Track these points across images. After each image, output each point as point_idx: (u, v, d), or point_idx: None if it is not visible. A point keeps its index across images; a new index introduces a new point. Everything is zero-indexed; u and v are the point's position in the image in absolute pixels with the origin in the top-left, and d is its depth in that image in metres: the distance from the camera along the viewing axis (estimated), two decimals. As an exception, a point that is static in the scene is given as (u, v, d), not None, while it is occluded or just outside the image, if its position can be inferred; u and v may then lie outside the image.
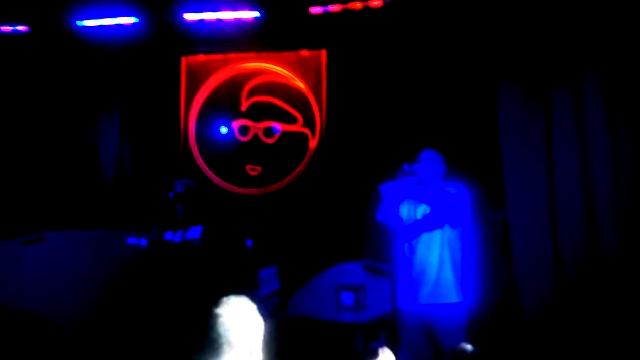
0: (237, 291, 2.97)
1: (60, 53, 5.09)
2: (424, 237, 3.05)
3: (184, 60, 5.21)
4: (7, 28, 4.94)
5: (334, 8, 4.60)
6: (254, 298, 3.02)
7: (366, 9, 4.49)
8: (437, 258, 2.99)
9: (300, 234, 4.73)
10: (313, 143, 4.97)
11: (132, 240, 3.10)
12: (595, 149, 3.70)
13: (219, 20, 4.82)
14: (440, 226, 3.02)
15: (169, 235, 3.86)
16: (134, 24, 4.87)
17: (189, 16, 4.78)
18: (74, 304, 2.96)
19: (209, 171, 5.12)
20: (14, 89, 5.16)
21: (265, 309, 3.30)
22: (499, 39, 4.09)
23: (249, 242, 3.42)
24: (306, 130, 5.01)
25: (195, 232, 3.83)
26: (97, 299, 2.98)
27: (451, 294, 2.97)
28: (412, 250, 3.06)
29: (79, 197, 5.03)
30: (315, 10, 4.61)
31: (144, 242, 3.15)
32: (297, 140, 4.99)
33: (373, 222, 3.29)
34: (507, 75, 4.05)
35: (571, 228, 3.69)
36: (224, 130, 5.14)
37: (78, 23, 4.88)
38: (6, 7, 4.69)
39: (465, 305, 2.99)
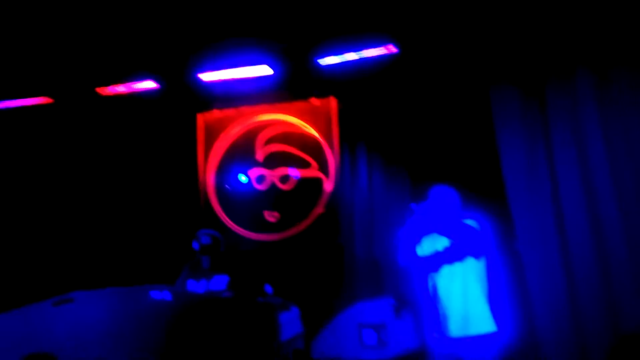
0: (258, 338, 3.05)
1: (81, 121, 5.44)
2: (445, 270, 3.03)
3: (200, 117, 5.48)
4: (32, 100, 5.31)
5: (340, 58, 4.80)
6: (274, 343, 3.10)
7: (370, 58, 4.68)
8: (460, 290, 2.95)
9: (321, 275, 4.79)
10: (328, 186, 5.10)
11: (155, 295, 3.20)
12: (593, 152, 3.61)
13: (232, 78, 5.08)
14: (460, 258, 2.99)
15: (191, 285, 3.91)
16: (152, 88, 5.18)
17: (204, 76, 5.06)
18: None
19: (229, 220, 5.29)
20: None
21: (288, 354, 3.36)
22: (492, 48, 4.11)
23: (268, 288, 3.49)
24: (320, 175, 5.15)
25: (221, 283, 3.88)
26: (125, 354, 3.08)
27: (480, 325, 2.91)
28: (435, 285, 3.04)
29: (103, 254, 5.25)
30: (323, 61, 4.82)
31: (167, 295, 3.25)
32: (312, 185, 5.13)
33: (393, 262, 3.31)
34: (501, 81, 4.04)
35: (580, 247, 3.61)
36: (244, 179, 5.32)
37: (100, 91, 5.23)
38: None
39: (497, 336, 2.91)
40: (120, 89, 5.19)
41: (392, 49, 4.53)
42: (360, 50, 4.62)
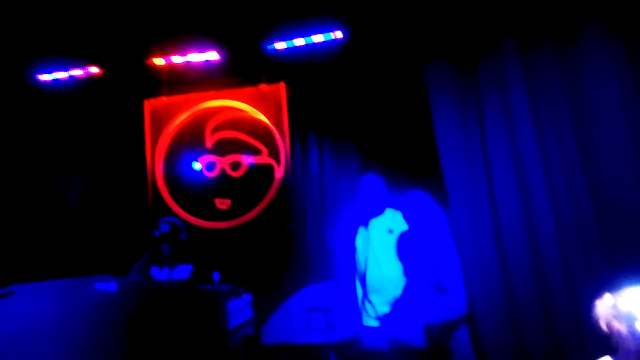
0: (206, 326, 3.06)
1: (24, 108, 5.22)
2: (379, 254, 3.09)
3: (146, 104, 5.35)
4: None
5: (287, 44, 4.78)
6: (223, 331, 3.11)
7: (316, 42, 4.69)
8: (396, 272, 3.01)
9: (273, 261, 4.82)
10: (279, 173, 5.11)
11: (100, 286, 3.15)
12: (522, 128, 3.70)
13: (179, 63, 4.98)
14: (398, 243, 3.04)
15: (154, 271, 3.89)
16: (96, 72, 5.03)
17: (150, 61, 4.94)
18: (46, 356, 3.01)
19: (179, 209, 5.22)
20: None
21: (237, 340, 3.38)
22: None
23: (216, 275, 3.49)
24: (271, 161, 5.15)
25: (184, 272, 3.86)
26: (68, 348, 3.03)
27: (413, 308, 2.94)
28: (368, 268, 3.09)
29: (50, 244, 5.11)
30: (271, 46, 4.79)
31: (113, 286, 3.21)
32: (263, 172, 5.12)
33: (335, 245, 3.37)
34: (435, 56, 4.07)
35: (511, 221, 3.73)
36: (197, 166, 5.25)
37: (40, 77, 5.03)
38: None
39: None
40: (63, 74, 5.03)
41: (339, 34, 4.56)
42: (308, 35, 4.62)
